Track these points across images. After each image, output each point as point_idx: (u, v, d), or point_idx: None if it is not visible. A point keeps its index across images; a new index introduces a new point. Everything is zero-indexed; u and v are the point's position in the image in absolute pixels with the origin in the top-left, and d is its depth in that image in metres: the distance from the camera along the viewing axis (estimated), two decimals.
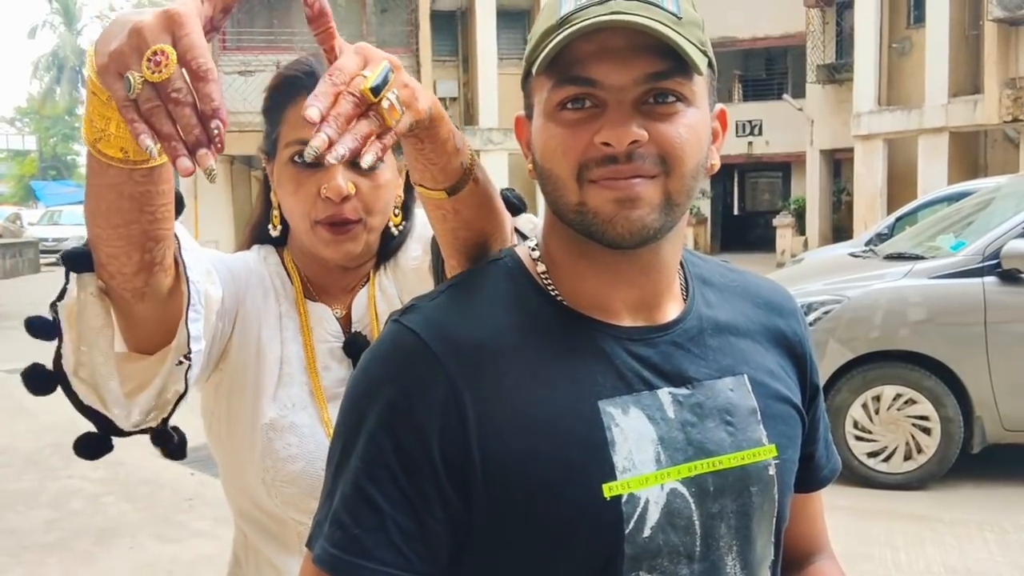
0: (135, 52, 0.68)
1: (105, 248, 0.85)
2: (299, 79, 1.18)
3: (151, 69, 0.67)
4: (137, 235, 0.84)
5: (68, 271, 0.89)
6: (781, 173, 24.33)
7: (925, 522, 4.39)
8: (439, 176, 0.87)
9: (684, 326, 0.91)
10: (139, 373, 0.94)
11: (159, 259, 0.86)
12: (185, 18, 0.68)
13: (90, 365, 0.91)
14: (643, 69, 0.80)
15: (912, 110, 16.01)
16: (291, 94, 1.17)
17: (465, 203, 0.89)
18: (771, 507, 0.90)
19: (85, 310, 0.89)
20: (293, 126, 1.17)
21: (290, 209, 1.19)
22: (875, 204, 16.53)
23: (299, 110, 1.13)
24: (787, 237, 18.70)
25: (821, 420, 1.05)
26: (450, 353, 0.83)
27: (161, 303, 0.90)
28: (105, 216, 0.83)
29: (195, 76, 0.67)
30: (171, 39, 0.68)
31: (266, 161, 1.25)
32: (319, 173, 1.15)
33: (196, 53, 0.67)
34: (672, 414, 0.86)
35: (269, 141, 1.22)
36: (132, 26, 0.69)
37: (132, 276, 0.86)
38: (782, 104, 20.26)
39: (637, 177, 0.80)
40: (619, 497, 0.81)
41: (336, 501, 0.82)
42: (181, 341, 0.93)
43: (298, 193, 1.16)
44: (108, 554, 4.10)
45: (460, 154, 0.88)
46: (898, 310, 4.89)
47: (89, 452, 0.96)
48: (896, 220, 9.54)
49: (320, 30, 0.76)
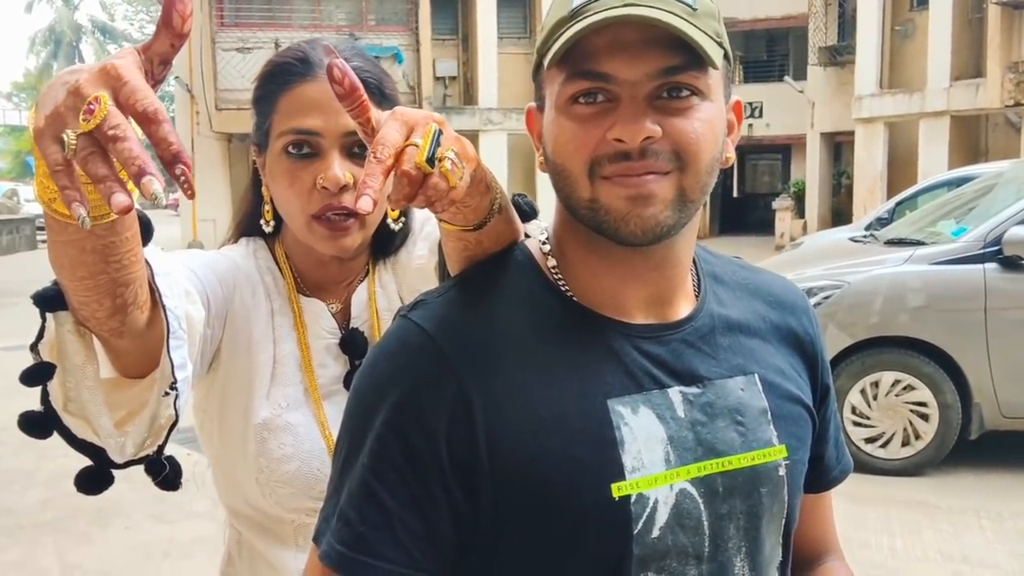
0: (71, 111, 0.64)
1: (74, 296, 0.82)
2: (292, 66, 1.13)
3: (84, 119, 0.62)
4: (105, 284, 0.80)
5: (42, 312, 0.85)
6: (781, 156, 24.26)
7: (922, 508, 4.41)
8: (471, 216, 0.83)
9: (695, 324, 0.89)
10: (129, 401, 0.91)
11: (131, 300, 0.82)
12: (122, 70, 0.64)
13: (78, 400, 0.88)
14: (657, 63, 0.78)
15: (914, 93, 15.94)
16: (283, 82, 1.13)
17: (488, 235, 0.86)
18: (780, 508, 0.89)
19: (65, 346, 0.86)
20: (286, 115, 1.12)
21: (285, 204, 1.14)
22: (875, 188, 16.49)
23: (293, 98, 1.11)
24: (786, 220, 18.67)
25: (832, 420, 1.03)
26: (458, 350, 0.81)
27: (141, 336, 0.87)
28: (70, 270, 0.79)
29: (145, 120, 0.62)
30: (110, 92, 0.64)
31: (257, 153, 1.19)
32: (314, 164, 1.10)
33: (139, 97, 0.63)
34: (682, 413, 0.85)
35: (260, 132, 1.16)
36: (69, 86, 0.64)
37: (106, 319, 0.83)
38: (783, 86, 20.16)
39: (650, 174, 0.79)
40: (628, 497, 0.80)
41: (343, 498, 0.81)
42: (165, 372, 0.89)
43: (293, 186, 1.11)
44: (104, 534, 4.10)
45: (491, 191, 0.83)
46: (898, 296, 4.88)
47: (91, 487, 0.92)
48: (896, 205, 9.51)
49: (353, 107, 0.73)
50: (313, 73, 1.12)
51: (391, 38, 16.06)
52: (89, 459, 0.92)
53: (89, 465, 0.92)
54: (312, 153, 1.11)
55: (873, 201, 15.51)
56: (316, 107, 1.10)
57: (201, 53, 15.09)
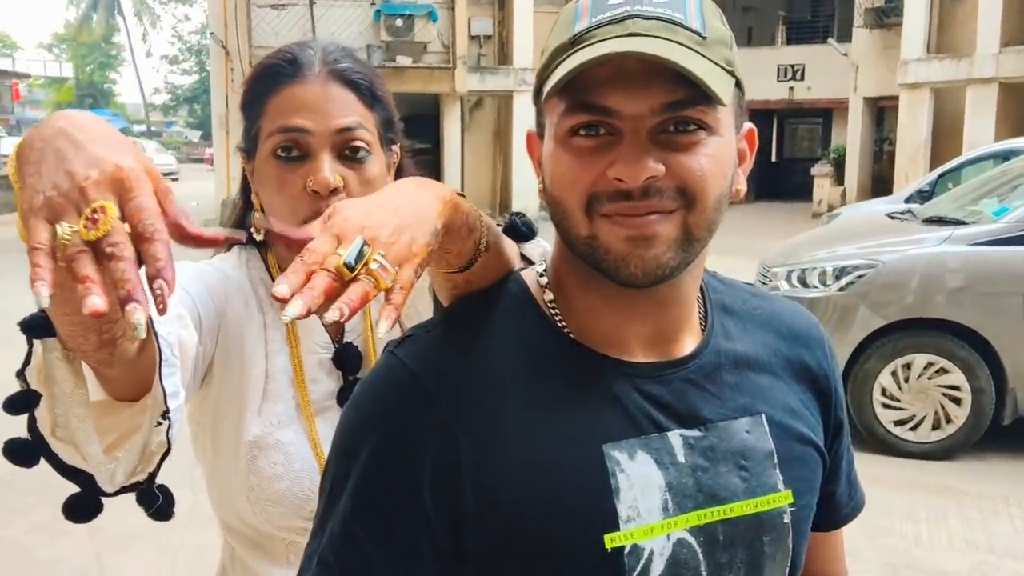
0: (71, 207, 0.63)
1: (60, 328, 0.79)
2: (280, 67, 1.11)
3: (87, 227, 0.62)
4: (91, 321, 0.77)
5: (29, 339, 0.83)
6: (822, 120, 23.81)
7: (950, 494, 4.34)
8: (454, 261, 0.79)
9: (700, 361, 0.85)
10: (119, 425, 0.88)
11: (120, 333, 0.80)
12: (134, 181, 0.63)
13: (66, 427, 0.86)
14: (661, 97, 0.72)
15: (962, 59, 15.45)
16: (272, 83, 1.10)
17: (476, 274, 0.82)
18: (784, 556, 0.85)
19: (53, 372, 0.83)
20: (275, 116, 1.09)
21: (275, 210, 1.11)
22: (918, 156, 16.10)
23: (281, 99, 1.09)
24: (825, 187, 18.34)
25: (844, 456, 0.99)
26: (446, 392, 0.78)
27: (131, 363, 0.84)
28: (55, 305, 0.76)
29: (141, 238, 0.62)
30: (116, 201, 0.63)
31: (245, 160, 1.17)
32: (304, 166, 1.07)
33: (143, 216, 0.62)
34: (682, 458, 0.81)
35: (248, 137, 1.14)
36: (75, 180, 0.63)
37: (94, 352, 0.80)
38: (826, 48, 19.68)
39: (653, 213, 0.74)
40: (621, 548, 0.77)
41: (324, 539, 0.79)
42: (157, 399, 0.87)
43: (282, 191, 1.08)
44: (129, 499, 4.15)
45: (473, 233, 0.79)
46: (935, 276, 4.76)
47: (80, 515, 0.90)
48: (938, 177, 9.27)
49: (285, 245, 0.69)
50: (302, 75, 1.10)
51: None
52: (77, 487, 0.89)
53: (77, 492, 0.90)
54: (301, 156, 1.08)
55: (915, 169, 15.16)
56: (305, 107, 1.08)
57: (236, 8, 15.03)
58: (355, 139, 1.10)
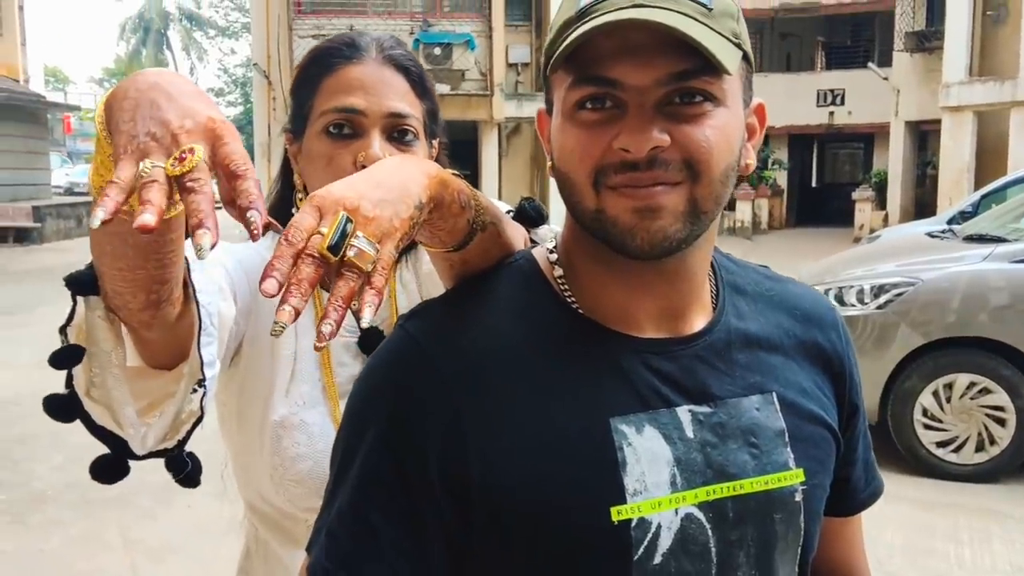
0: (161, 149, 0.67)
1: (110, 284, 0.82)
2: (338, 50, 1.15)
3: (174, 165, 0.66)
4: (143, 279, 0.80)
5: (74, 294, 0.85)
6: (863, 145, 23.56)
7: (994, 517, 4.22)
8: (446, 239, 0.80)
9: (710, 338, 0.85)
10: (153, 391, 0.90)
11: (166, 297, 0.83)
12: (226, 131, 0.69)
13: (102, 387, 0.88)
14: (667, 68, 0.73)
15: (1005, 81, 15.22)
16: (328, 64, 1.14)
17: (472, 252, 0.83)
18: (796, 536, 0.84)
19: (94, 332, 0.86)
20: (330, 95, 1.13)
21: (319, 186, 1.13)
22: (961, 180, 15.84)
23: (337, 79, 1.13)
24: (866, 211, 18.10)
25: (860, 440, 0.97)
26: (454, 365, 0.79)
27: (171, 329, 0.87)
28: (110, 259, 0.80)
29: (233, 175, 0.67)
30: (207, 146, 0.68)
31: (290, 141, 1.20)
32: (354, 144, 1.11)
33: (236, 158, 0.68)
34: (691, 434, 0.81)
35: (298, 117, 1.17)
36: (168, 128, 0.67)
37: (138, 312, 0.83)
38: (866, 73, 19.52)
39: (659, 184, 0.74)
40: (628, 521, 0.76)
41: (333, 512, 0.80)
42: (194, 367, 0.89)
43: (330, 166, 1.11)
44: (167, 511, 4.21)
45: (466, 211, 0.79)
46: (977, 294, 4.68)
47: (106, 476, 0.92)
48: (981, 198, 9.11)
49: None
50: (359, 56, 1.14)
51: (464, 24, 16.06)
52: (108, 448, 0.92)
53: (106, 454, 0.92)
54: (352, 134, 1.12)
55: (959, 193, 14.90)
56: (360, 87, 1.12)
57: (278, 40, 15.36)
58: (404, 124, 1.13)
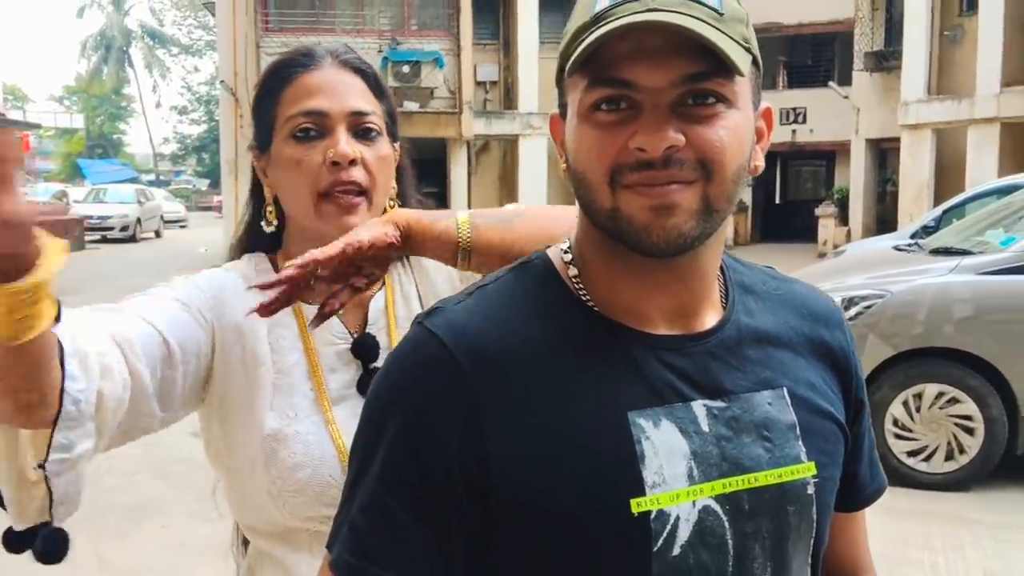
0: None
1: None
2: (296, 59, 1.18)
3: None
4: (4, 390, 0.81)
5: None
6: (825, 162, 23.94)
7: (965, 524, 4.30)
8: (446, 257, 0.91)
9: (722, 335, 0.87)
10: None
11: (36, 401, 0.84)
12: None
13: None
14: (681, 70, 0.75)
15: (963, 100, 15.60)
16: (287, 75, 1.17)
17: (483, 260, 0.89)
18: (809, 527, 0.86)
19: None
20: (293, 102, 1.16)
21: (292, 189, 1.16)
22: (921, 195, 16.17)
23: (297, 86, 1.16)
24: (829, 227, 18.38)
25: (866, 437, 1.00)
26: (474, 362, 0.80)
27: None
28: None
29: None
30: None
31: (257, 157, 1.22)
32: (322, 143, 1.14)
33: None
34: (706, 427, 0.82)
35: (263, 130, 1.19)
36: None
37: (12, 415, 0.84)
38: (827, 92, 19.89)
39: (674, 183, 0.76)
40: (647, 513, 0.77)
41: (355, 506, 0.80)
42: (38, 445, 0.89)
43: (301, 167, 1.14)
44: (139, 531, 4.14)
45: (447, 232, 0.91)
46: (944, 306, 4.77)
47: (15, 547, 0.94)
48: (943, 213, 9.32)
49: None
50: (316, 63, 1.17)
51: (432, 43, 16.12)
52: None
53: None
54: (319, 135, 1.15)
55: (919, 209, 15.21)
56: (320, 91, 1.15)
57: (246, 58, 15.29)
58: (367, 122, 1.17)
